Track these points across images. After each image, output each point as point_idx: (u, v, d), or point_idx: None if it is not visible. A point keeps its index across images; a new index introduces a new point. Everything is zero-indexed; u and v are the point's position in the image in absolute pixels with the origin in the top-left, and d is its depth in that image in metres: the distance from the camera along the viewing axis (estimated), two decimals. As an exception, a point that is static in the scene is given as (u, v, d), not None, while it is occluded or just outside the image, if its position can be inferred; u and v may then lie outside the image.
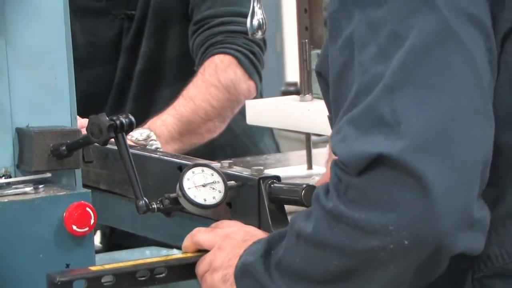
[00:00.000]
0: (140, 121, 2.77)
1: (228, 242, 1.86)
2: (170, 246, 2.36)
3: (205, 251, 1.88)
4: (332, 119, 1.80)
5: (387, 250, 1.54)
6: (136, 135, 2.69)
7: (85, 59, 2.96)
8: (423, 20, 1.55)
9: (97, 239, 3.17)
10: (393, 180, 1.52)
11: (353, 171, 1.55)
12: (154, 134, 2.72)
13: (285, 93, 6.54)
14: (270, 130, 3.21)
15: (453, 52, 1.55)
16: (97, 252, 2.88)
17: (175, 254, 2.03)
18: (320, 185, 1.66)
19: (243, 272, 1.76)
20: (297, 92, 2.40)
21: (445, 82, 1.54)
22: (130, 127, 1.92)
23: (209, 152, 2.79)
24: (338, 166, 1.58)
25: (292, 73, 8.60)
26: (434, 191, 1.50)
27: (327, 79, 1.76)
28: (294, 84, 6.97)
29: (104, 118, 1.89)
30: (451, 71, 1.55)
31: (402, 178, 1.51)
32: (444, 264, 1.59)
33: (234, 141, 3.05)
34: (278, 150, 3.28)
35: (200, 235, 1.91)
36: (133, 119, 1.91)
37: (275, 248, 1.73)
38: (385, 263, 1.56)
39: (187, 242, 1.93)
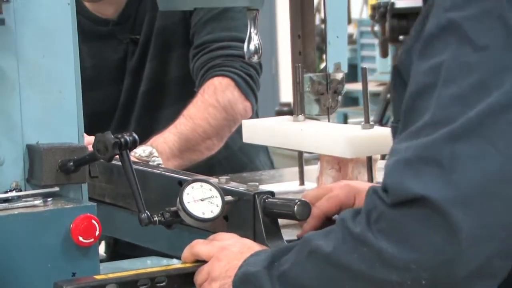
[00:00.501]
0: (144, 138, 2.77)
1: (226, 254, 1.85)
2: (170, 256, 2.35)
3: (204, 261, 1.87)
4: (395, 128, 1.78)
5: (403, 285, 1.53)
6: (140, 151, 2.69)
7: (92, 81, 2.96)
8: (502, 86, 1.53)
9: (102, 249, 3.16)
10: (429, 223, 1.50)
11: (392, 200, 1.53)
12: (156, 151, 2.72)
13: (279, 113, 6.54)
14: (265, 148, 3.21)
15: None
16: (102, 261, 2.87)
17: (175, 264, 2.02)
18: (348, 209, 1.63)
19: (243, 282, 1.75)
20: (290, 112, 2.39)
21: (509, 147, 1.52)
22: (134, 145, 1.92)
23: (207, 168, 2.78)
24: (377, 194, 1.55)
25: (286, 94, 8.61)
26: (463, 243, 1.49)
27: (403, 75, 1.74)
28: (288, 104, 6.97)
29: (110, 136, 1.89)
30: (506, 134, 1.52)
31: (438, 224, 1.50)
32: None
33: (232, 158, 3.05)
34: (272, 166, 3.28)
35: (199, 247, 1.90)
36: (136, 137, 1.91)
37: (278, 260, 1.71)
38: None
39: (186, 253, 1.92)
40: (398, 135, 1.64)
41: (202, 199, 1.96)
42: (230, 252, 1.85)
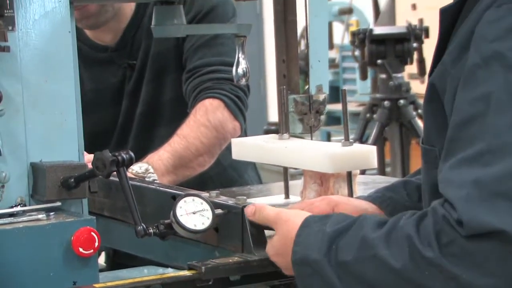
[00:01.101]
0: (140, 156, 2.78)
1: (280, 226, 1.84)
2: (166, 266, 2.34)
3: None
4: (426, 148, 1.79)
5: None
6: (136, 168, 2.68)
7: (92, 103, 2.95)
8: None
9: (102, 259, 3.14)
10: (505, 254, 1.50)
11: (466, 233, 1.51)
12: (151, 167, 2.71)
13: (267, 131, 6.55)
14: (253, 164, 3.20)
15: None
16: (102, 270, 2.86)
17: (170, 272, 2.01)
18: (408, 218, 1.60)
19: (303, 264, 1.72)
20: (277, 131, 2.39)
21: None
22: (130, 162, 1.91)
23: (200, 183, 2.78)
24: (448, 220, 1.53)
25: (274, 114, 8.63)
26: None
27: (440, 93, 1.73)
28: (276, 124, 6.95)
29: (108, 154, 1.89)
30: None
31: None
32: None
33: (222, 173, 3.04)
34: (260, 181, 3.27)
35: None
36: (133, 155, 1.91)
37: (336, 243, 1.68)
38: None
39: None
40: (444, 162, 1.63)
41: (194, 212, 1.96)
42: (282, 228, 1.83)
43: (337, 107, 7.42)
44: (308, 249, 1.72)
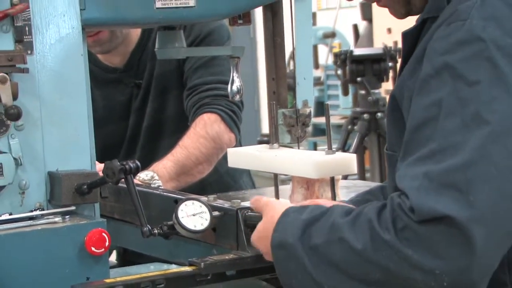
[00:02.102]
0: (146, 165, 2.77)
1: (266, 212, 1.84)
2: (170, 262, 2.33)
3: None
4: (389, 153, 1.80)
5: (428, 284, 1.53)
6: (143, 175, 2.68)
7: (103, 118, 2.95)
8: (502, 108, 1.53)
9: (113, 256, 3.13)
10: (450, 237, 1.50)
11: (417, 218, 1.52)
12: (157, 175, 2.71)
13: (261, 142, 6.55)
14: (247, 171, 3.20)
15: (509, 145, 1.53)
16: (113, 267, 2.86)
17: (173, 268, 2.00)
18: (371, 207, 1.61)
19: (280, 247, 1.71)
20: (268, 142, 2.39)
21: (506, 166, 1.52)
22: (137, 170, 1.92)
23: (199, 188, 2.77)
24: (402, 207, 1.54)
25: (267, 126, 8.66)
26: (478, 253, 1.49)
27: (399, 103, 1.74)
28: (268, 135, 6.96)
29: (116, 163, 1.89)
30: (506, 156, 1.53)
31: (457, 237, 1.50)
32: None
33: (219, 179, 3.03)
34: (254, 186, 3.26)
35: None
36: (139, 164, 1.91)
37: (310, 229, 1.67)
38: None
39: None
40: (401, 162, 1.64)
41: (194, 214, 1.95)
42: (267, 214, 1.82)
43: (322, 120, 7.37)
44: (285, 234, 1.71)
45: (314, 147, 8.16)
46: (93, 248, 1.86)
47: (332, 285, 1.63)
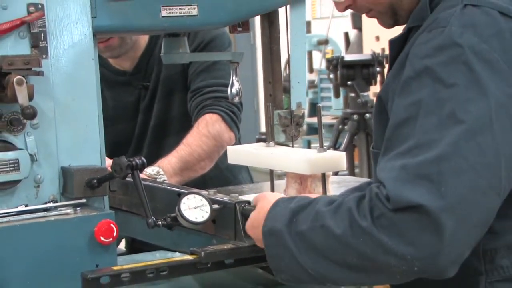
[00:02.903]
0: (153, 161, 2.76)
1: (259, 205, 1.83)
2: (174, 251, 2.32)
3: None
4: (375, 151, 1.79)
5: (400, 268, 1.53)
6: (149, 171, 2.67)
7: (113, 118, 2.94)
8: (477, 108, 1.52)
9: (123, 244, 3.13)
10: (422, 225, 1.50)
11: (392, 207, 1.51)
12: (162, 170, 2.70)
13: (259, 140, 6.52)
14: (246, 167, 3.18)
15: (487, 140, 1.52)
16: (122, 254, 2.85)
17: (176, 257, 1.99)
18: (351, 197, 1.61)
19: (270, 234, 1.71)
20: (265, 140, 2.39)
21: (477, 162, 1.51)
22: (143, 166, 1.90)
23: (201, 183, 2.76)
24: (379, 198, 1.54)
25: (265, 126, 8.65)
26: (447, 241, 1.49)
27: (385, 104, 1.74)
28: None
29: (124, 160, 1.88)
30: (484, 154, 1.52)
31: (428, 226, 1.49)
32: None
33: (220, 175, 3.02)
34: (252, 181, 3.25)
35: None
36: (144, 160, 1.90)
37: (297, 217, 1.67)
38: (393, 274, 1.55)
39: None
40: (382, 157, 1.64)
41: (195, 207, 1.95)
42: (260, 204, 1.81)
43: (316, 120, 7.40)
44: (274, 222, 1.71)
45: (308, 144, 8.14)
46: (102, 238, 1.85)
47: (315, 268, 1.63)
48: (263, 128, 9.95)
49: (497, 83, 1.54)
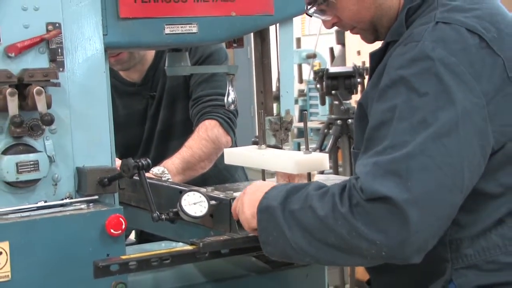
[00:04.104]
0: (159, 161, 2.76)
1: (249, 189, 1.82)
2: (177, 241, 2.32)
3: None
4: (355, 151, 1.80)
5: (370, 252, 1.53)
6: (155, 170, 2.66)
7: (124, 124, 2.94)
8: (445, 115, 1.52)
9: (133, 235, 3.12)
10: (391, 215, 1.50)
11: (366, 197, 1.52)
12: (166, 170, 2.69)
13: (255, 142, 6.51)
14: (241, 167, 3.18)
15: (453, 143, 1.52)
16: (132, 244, 2.85)
17: (179, 246, 1.98)
18: (336, 185, 1.61)
19: (264, 211, 1.70)
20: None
21: (443, 161, 1.51)
22: (148, 167, 1.90)
23: (201, 181, 2.75)
24: (355, 188, 1.54)
25: (260, 130, 8.64)
26: (412, 230, 1.49)
27: (365, 110, 1.75)
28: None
29: (131, 161, 1.87)
30: (450, 155, 1.52)
31: (397, 216, 1.49)
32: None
33: (218, 173, 3.01)
34: (247, 179, 3.24)
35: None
36: (150, 161, 1.90)
37: (290, 198, 1.67)
38: (364, 256, 1.55)
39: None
40: (361, 155, 1.64)
41: (194, 203, 1.94)
42: (252, 188, 1.80)
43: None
44: (271, 199, 1.71)
45: (298, 146, 8.13)
46: (112, 230, 1.84)
47: (299, 243, 1.63)
48: (257, 132, 9.92)
49: (464, 92, 1.54)
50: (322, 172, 3.09)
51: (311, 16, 1.83)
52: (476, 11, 1.63)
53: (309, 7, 1.80)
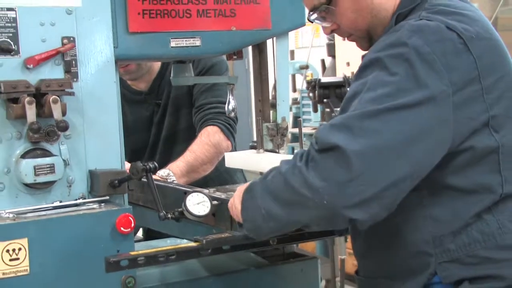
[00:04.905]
0: (164, 164, 2.76)
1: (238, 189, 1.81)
2: (182, 238, 2.32)
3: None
4: None
5: (313, 200, 1.51)
6: (161, 173, 2.66)
7: (132, 129, 2.93)
8: (408, 95, 1.52)
9: (140, 232, 3.12)
10: (336, 163, 1.49)
11: (318, 147, 1.52)
12: (172, 172, 2.69)
13: (252, 146, 6.52)
14: (240, 169, 3.17)
15: (411, 118, 1.51)
16: (140, 241, 2.84)
17: (183, 243, 1.99)
18: (302, 149, 1.62)
19: (248, 191, 1.70)
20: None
21: (397, 129, 1.51)
22: (155, 170, 1.90)
23: (204, 183, 2.75)
24: (312, 144, 1.55)
25: (257, 135, 8.64)
26: (353, 181, 1.47)
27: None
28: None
29: (139, 164, 1.87)
30: (405, 126, 1.51)
31: (341, 164, 1.48)
32: (342, 224, 1.57)
33: (219, 176, 3.01)
34: (245, 181, 3.23)
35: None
36: (157, 165, 1.90)
37: (269, 174, 1.66)
38: (309, 207, 1.53)
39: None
40: None
41: (198, 203, 1.94)
42: (243, 185, 1.80)
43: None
44: (255, 181, 1.71)
45: (292, 150, 8.12)
46: (122, 228, 1.84)
47: (266, 206, 1.62)
48: (255, 137, 9.95)
49: (433, 79, 1.53)
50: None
51: (312, 22, 1.83)
52: (458, 15, 1.63)
53: (311, 13, 1.80)
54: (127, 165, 2.05)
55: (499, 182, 1.62)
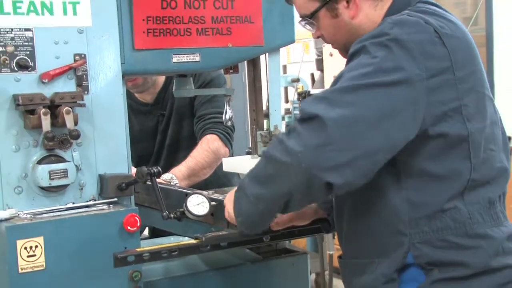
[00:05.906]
0: (168, 169, 2.75)
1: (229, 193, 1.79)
2: (183, 236, 2.31)
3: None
4: None
5: (292, 166, 1.49)
6: (165, 176, 2.66)
7: (138, 138, 2.93)
8: (384, 74, 1.52)
9: (146, 231, 3.12)
10: (314, 130, 1.48)
11: (301, 117, 1.51)
12: (174, 176, 2.69)
13: (248, 152, 6.51)
14: (237, 174, 3.17)
15: (386, 95, 1.51)
16: (146, 239, 2.84)
17: (185, 241, 1.98)
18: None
19: (238, 189, 1.68)
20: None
21: (372, 104, 1.50)
22: (159, 174, 1.91)
23: (204, 186, 2.75)
24: (296, 118, 1.53)
25: (253, 143, 8.63)
26: (327, 142, 1.47)
27: None
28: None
29: (144, 169, 1.88)
30: (379, 101, 1.51)
31: (318, 129, 1.48)
32: (320, 192, 1.52)
33: (218, 179, 3.01)
34: (242, 184, 3.24)
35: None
36: (160, 169, 1.90)
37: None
38: (289, 175, 1.51)
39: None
40: None
41: (198, 204, 1.94)
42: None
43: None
44: (243, 179, 1.68)
45: (285, 156, 8.14)
46: (129, 227, 1.84)
47: (253, 192, 1.60)
48: (250, 144, 9.95)
49: (409, 64, 1.53)
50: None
51: (303, 27, 1.84)
52: (437, 16, 1.66)
53: (300, 19, 1.82)
54: (134, 170, 2.05)
55: (468, 169, 1.61)
